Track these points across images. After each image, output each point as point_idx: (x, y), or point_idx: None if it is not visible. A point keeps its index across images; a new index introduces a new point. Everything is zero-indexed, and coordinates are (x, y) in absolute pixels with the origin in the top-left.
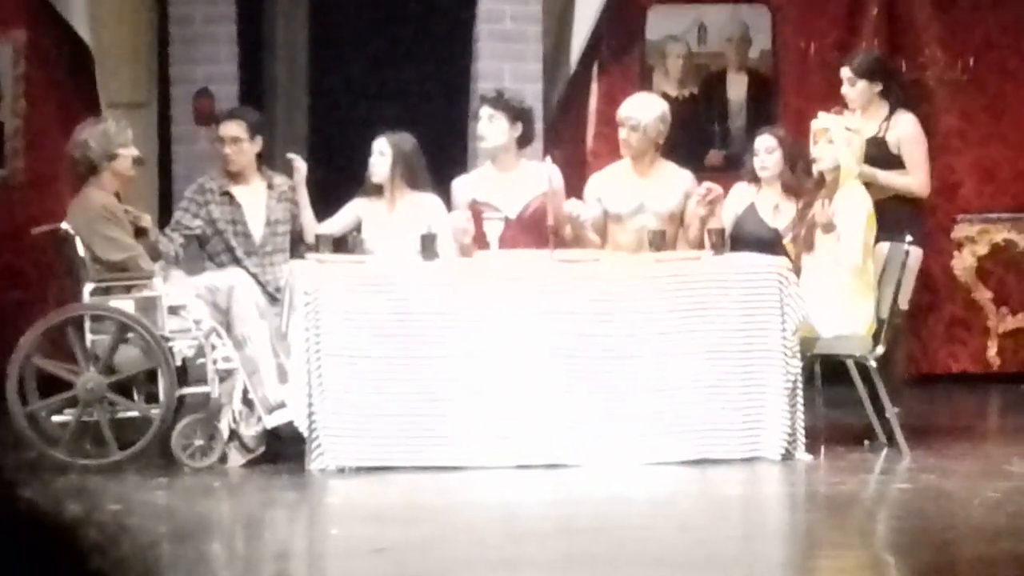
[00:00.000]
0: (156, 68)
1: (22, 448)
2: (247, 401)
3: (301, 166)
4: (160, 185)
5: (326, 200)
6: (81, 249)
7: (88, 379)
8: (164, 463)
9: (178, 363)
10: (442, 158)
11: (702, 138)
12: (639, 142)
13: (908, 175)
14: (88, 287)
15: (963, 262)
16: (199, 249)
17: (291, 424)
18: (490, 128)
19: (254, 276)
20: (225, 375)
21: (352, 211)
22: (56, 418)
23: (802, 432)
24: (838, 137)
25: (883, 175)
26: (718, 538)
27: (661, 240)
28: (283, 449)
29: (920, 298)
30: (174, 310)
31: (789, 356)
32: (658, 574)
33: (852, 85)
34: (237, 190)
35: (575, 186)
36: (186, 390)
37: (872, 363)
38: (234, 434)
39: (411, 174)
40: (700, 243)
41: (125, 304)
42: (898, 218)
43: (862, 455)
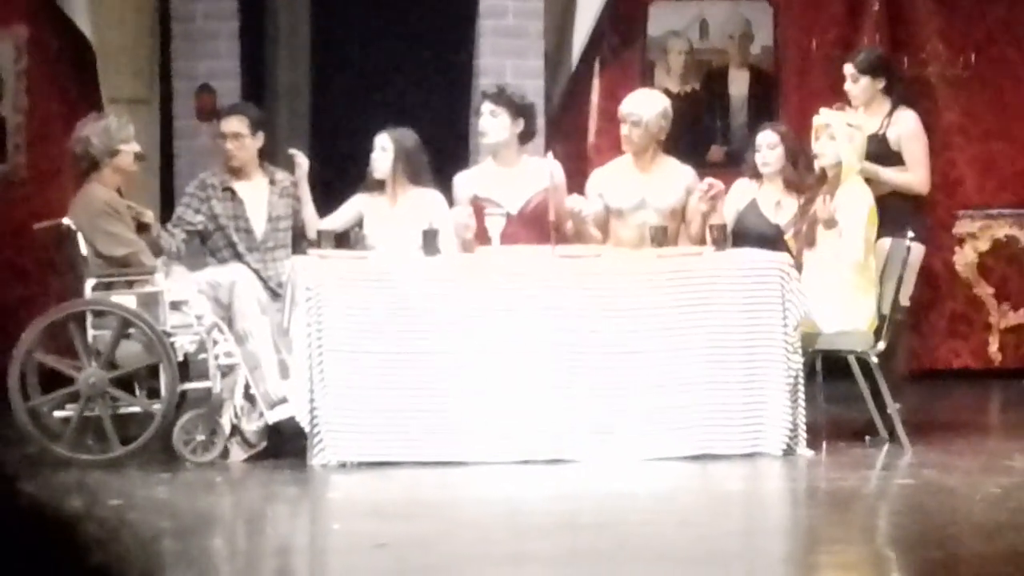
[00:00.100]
0: (158, 64)
1: (24, 443)
2: (249, 396)
3: (303, 162)
4: (162, 181)
5: (328, 196)
6: (83, 245)
7: (90, 374)
8: (166, 458)
9: (180, 358)
10: (444, 154)
11: (704, 134)
12: (641, 138)
13: (908, 172)
14: (90, 282)
15: (964, 258)
16: (201, 245)
17: (293, 419)
18: (492, 124)
19: (256, 272)
20: (227, 370)
21: (354, 207)
22: (58, 413)
23: (803, 428)
24: (840, 133)
25: (884, 172)
26: (719, 533)
27: (663, 236)
28: (284, 444)
29: (921, 294)
30: (176, 305)
31: (790, 352)
32: (659, 569)
33: (855, 82)
34: (239, 186)
35: (577, 182)
36: (188, 385)
37: (873, 359)
38: (236, 429)
39: (413, 170)
40: (702, 239)
41: (127, 299)
42: (900, 214)
43: (863, 451)
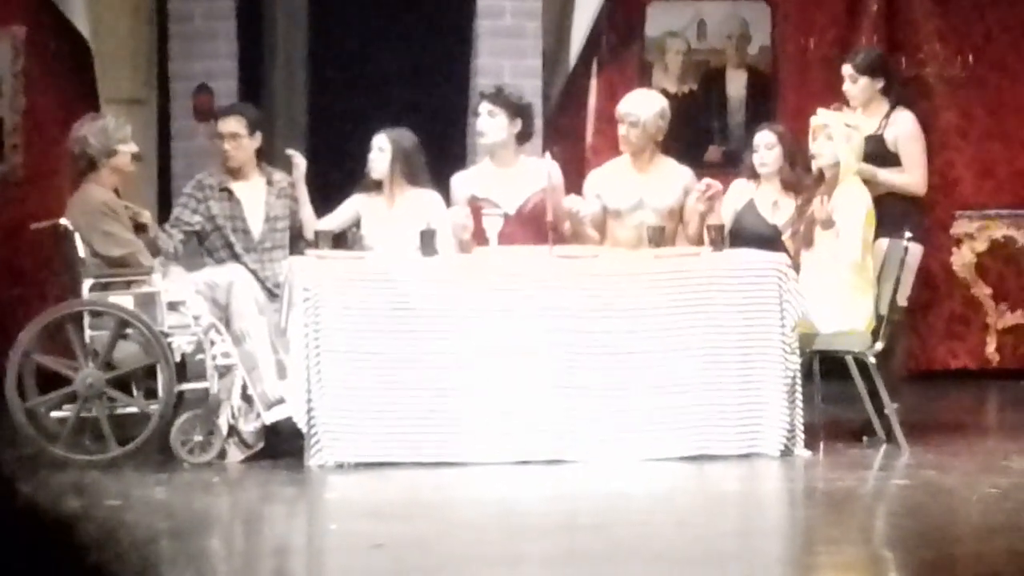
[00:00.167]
0: (155, 64)
1: (21, 444)
2: (246, 397)
3: (300, 162)
4: (159, 181)
5: (325, 196)
6: (80, 245)
7: (87, 375)
8: (163, 459)
9: (177, 359)
10: (441, 154)
11: (701, 134)
12: (638, 138)
13: (906, 173)
14: (87, 283)
15: (962, 258)
16: (198, 245)
17: (290, 420)
18: (489, 124)
19: (253, 272)
20: (224, 371)
21: (351, 207)
22: (55, 414)
23: (801, 428)
24: (837, 133)
25: (882, 173)
26: (717, 534)
27: (660, 236)
28: (282, 445)
29: (919, 294)
30: (173, 306)
31: (788, 352)
32: (657, 570)
33: (854, 82)
34: (236, 186)
35: (574, 182)
36: (185, 386)
37: (871, 359)
38: (233, 430)
39: (410, 170)
40: (699, 239)
41: (124, 300)
42: (897, 215)
43: (861, 451)
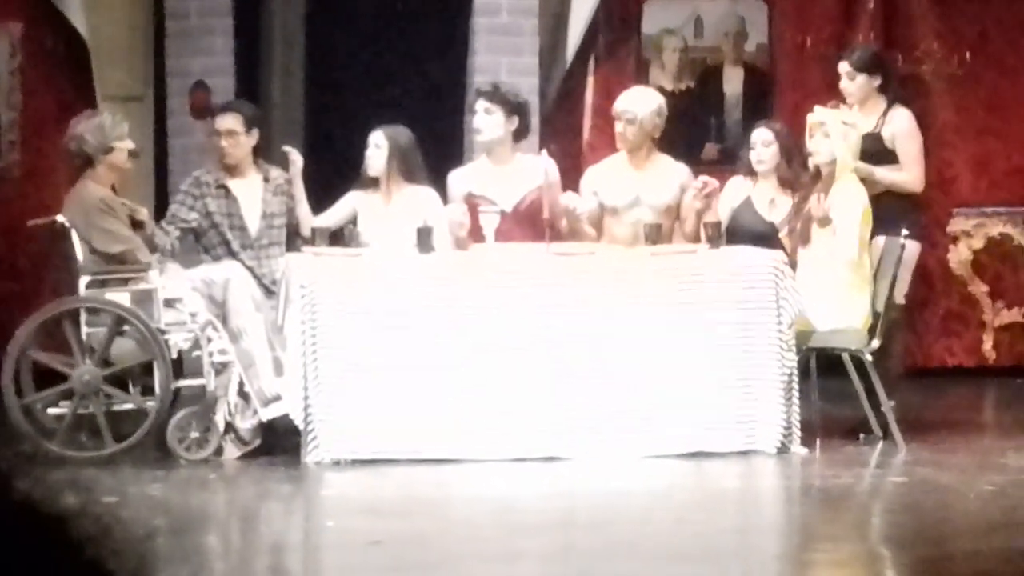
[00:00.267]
0: (152, 61)
1: (18, 441)
2: (243, 394)
3: (297, 159)
4: (156, 178)
5: (322, 193)
6: (77, 242)
7: (84, 371)
8: (160, 456)
9: (174, 356)
10: (438, 151)
11: (698, 132)
12: (635, 135)
13: (903, 170)
14: (84, 280)
15: (959, 256)
16: (195, 242)
17: (287, 417)
18: (486, 121)
19: (250, 269)
20: (221, 368)
21: (348, 204)
22: (52, 410)
23: (798, 425)
24: (834, 131)
25: (878, 171)
26: (714, 531)
27: (657, 233)
28: (279, 442)
29: (916, 292)
30: (170, 303)
31: (785, 349)
32: (654, 567)
33: (851, 79)
34: (233, 183)
35: (571, 179)
36: (182, 383)
37: (868, 357)
38: (230, 427)
39: (407, 167)
40: (696, 236)
41: (121, 297)
42: (894, 212)
43: (857, 448)
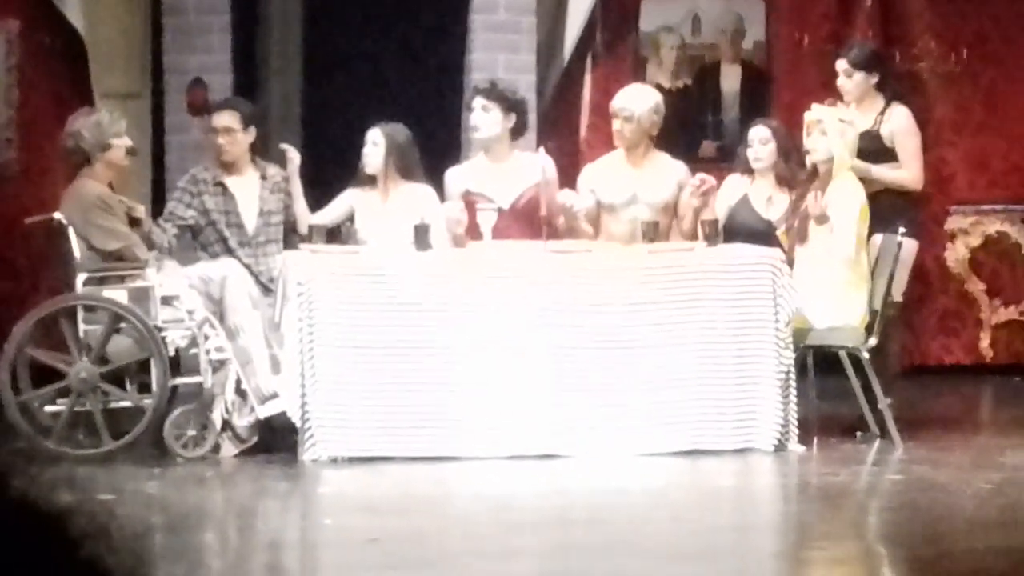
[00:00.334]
0: (149, 58)
1: (14, 438)
2: (240, 391)
3: (294, 156)
4: (153, 175)
5: (319, 190)
6: (74, 239)
7: (81, 369)
8: (157, 453)
9: (171, 353)
10: (435, 149)
11: (695, 129)
12: (633, 133)
13: (902, 168)
14: (81, 277)
15: (956, 254)
16: (192, 239)
17: (284, 414)
18: (483, 119)
19: (247, 267)
20: (218, 365)
21: (345, 201)
22: (49, 408)
23: (795, 423)
24: (831, 129)
25: (876, 169)
26: (711, 529)
27: (654, 231)
28: (276, 439)
29: (913, 290)
30: (167, 300)
31: (782, 347)
32: (650, 565)
33: (849, 77)
34: (230, 180)
35: (568, 177)
36: (179, 380)
37: (865, 354)
38: (227, 424)
39: (404, 164)
40: (693, 234)
41: (118, 294)
42: (892, 210)
43: (854, 446)
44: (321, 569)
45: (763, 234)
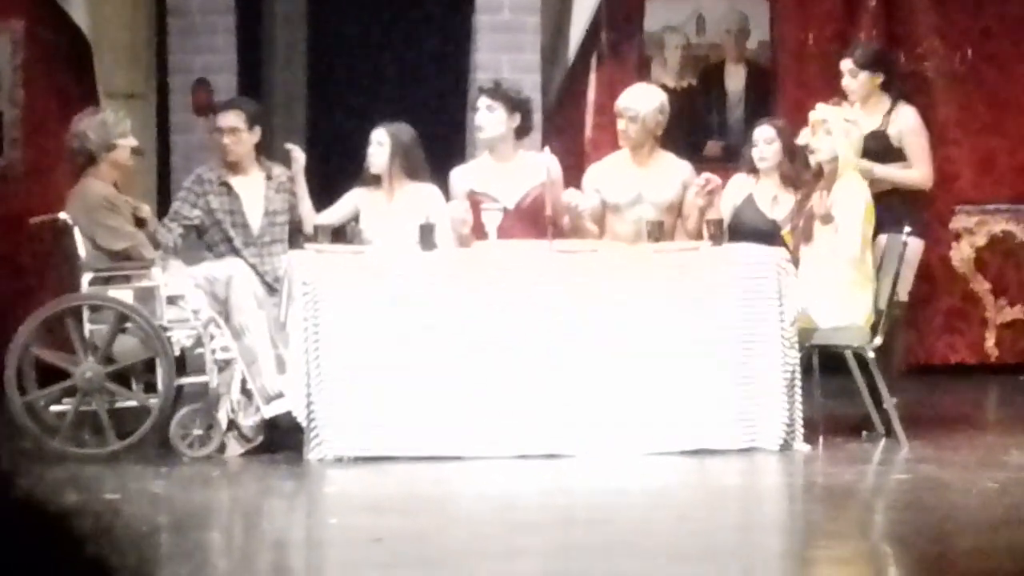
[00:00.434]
0: (154, 58)
1: (20, 438)
2: (245, 391)
3: (299, 156)
4: (158, 175)
5: (325, 190)
6: (79, 239)
7: (86, 369)
8: (162, 453)
9: (176, 353)
10: (440, 148)
11: (700, 129)
12: (637, 133)
13: (910, 168)
14: (87, 277)
15: (961, 253)
16: (197, 239)
17: (289, 414)
18: (488, 118)
19: (252, 266)
20: (223, 365)
21: (350, 201)
22: (54, 408)
23: (800, 423)
24: (836, 128)
25: (881, 169)
26: (716, 529)
27: (659, 231)
28: (281, 439)
29: (918, 289)
30: (172, 300)
31: (787, 347)
32: (655, 565)
33: (854, 77)
34: (235, 180)
35: (573, 176)
36: (184, 380)
37: (870, 354)
38: (232, 424)
39: (409, 164)
40: (698, 234)
41: (124, 294)
42: (898, 209)
43: (860, 446)
44: (326, 568)
45: (768, 234)
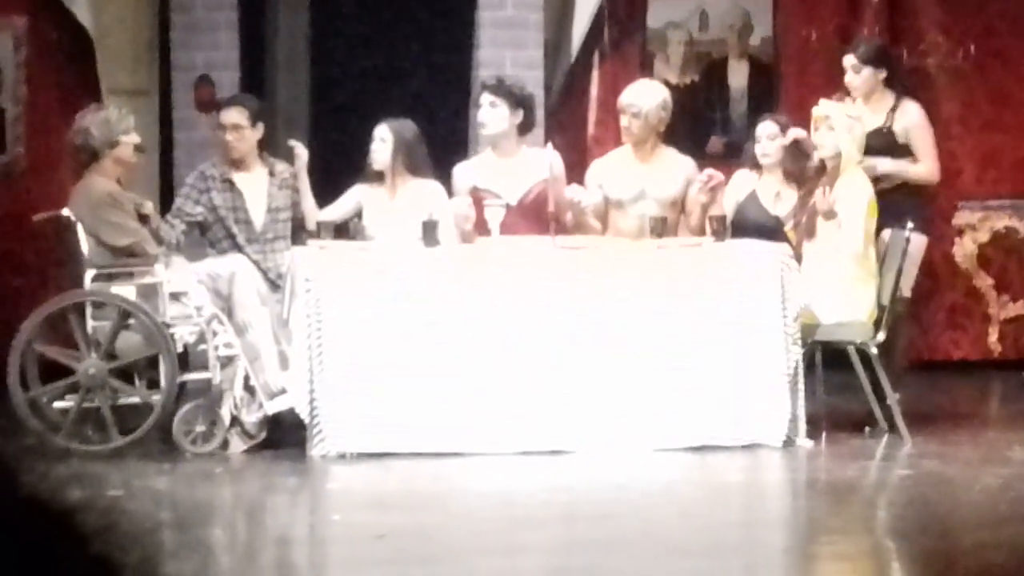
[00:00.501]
0: (157, 55)
1: (23, 434)
2: (248, 387)
3: (302, 153)
4: (161, 172)
5: (327, 187)
6: (82, 236)
7: (89, 365)
8: (165, 449)
9: (179, 349)
10: (443, 145)
11: (703, 125)
12: (640, 129)
13: (916, 163)
14: (89, 273)
15: (964, 249)
16: (200, 236)
17: (292, 410)
18: (491, 115)
19: (255, 263)
20: (226, 361)
21: (353, 198)
22: (57, 404)
23: (803, 418)
24: (839, 124)
25: (884, 165)
26: (719, 525)
27: (662, 227)
28: (284, 435)
29: (921, 285)
30: (175, 296)
31: (790, 343)
32: (658, 561)
33: (857, 72)
34: (238, 177)
35: (576, 172)
36: (187, 376)
37: (873, 350)
38: (235, 420)
39: (412, 161)
40: (701, 230)
41: (126, 290)
42: (901, 205)
43: (863, 441)
44: (329, 564)
45: (771, 230)
